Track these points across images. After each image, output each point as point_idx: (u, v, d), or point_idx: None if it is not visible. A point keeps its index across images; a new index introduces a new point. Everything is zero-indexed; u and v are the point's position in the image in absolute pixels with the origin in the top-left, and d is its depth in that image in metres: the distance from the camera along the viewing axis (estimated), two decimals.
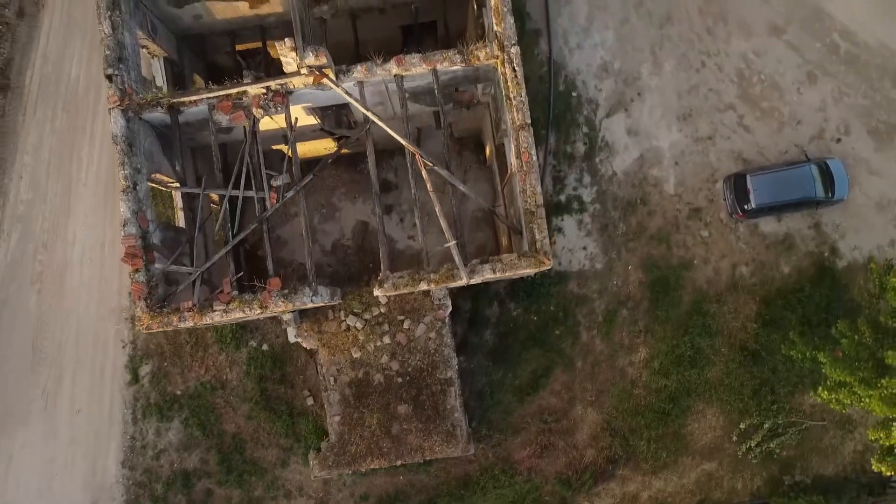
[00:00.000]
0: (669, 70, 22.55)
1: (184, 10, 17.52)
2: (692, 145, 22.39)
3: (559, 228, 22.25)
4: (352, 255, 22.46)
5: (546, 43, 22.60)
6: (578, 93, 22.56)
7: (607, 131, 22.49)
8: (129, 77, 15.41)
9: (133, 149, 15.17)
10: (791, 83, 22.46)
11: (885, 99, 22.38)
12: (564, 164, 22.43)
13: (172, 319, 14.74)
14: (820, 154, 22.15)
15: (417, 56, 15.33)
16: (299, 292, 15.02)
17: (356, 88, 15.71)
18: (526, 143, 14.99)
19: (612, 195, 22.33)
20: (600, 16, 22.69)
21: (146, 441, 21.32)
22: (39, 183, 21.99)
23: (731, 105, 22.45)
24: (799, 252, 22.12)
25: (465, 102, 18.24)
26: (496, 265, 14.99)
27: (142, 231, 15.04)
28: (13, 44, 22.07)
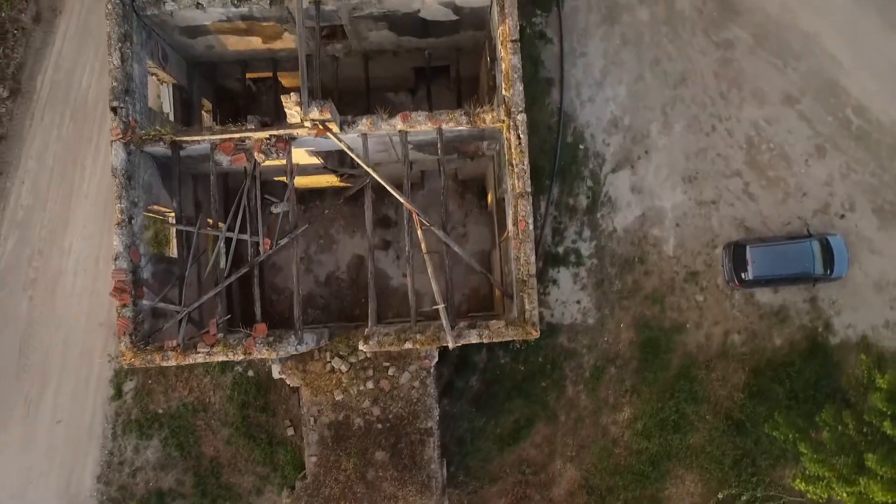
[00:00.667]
0: (679, 131, 22.45)
1: (196, 40, 17.50)
2: (695, 208, 22.30)
3: (554, 280, 22.18)
4: (345, 288, 22.43)
5: (558, 93, 22.52)
6: (586, 146, 22.48)
7: (611, 187, 22.41)
8: (134, 109, 15.40)
9: (132, 182, 15.16)
10: (800, 154, 22.34)
11: (892, 178, 22.25)
12: (566, 215, 22.36)
13: (155, 357, 14.72)
14: (823, 228, 22.04)
15: (423, 114, 15.28)
16: (284, 340, 14.99)
17: (360, 139, 15.65)
18: (524, 212, 14.93)
19: (611, 251, 22.24)
20: (615, 71, 22.61)
21: (124, 457, 21.31)
22: (41, 189, 22.00)
23: (737, 171, 22.35)
24: (792, 325, 22.01)
25: (470, 154, 18.19)
26: (483, 332, 14.94)
27: (133, 266, 15.03)
28: (27, 48, 22.08)
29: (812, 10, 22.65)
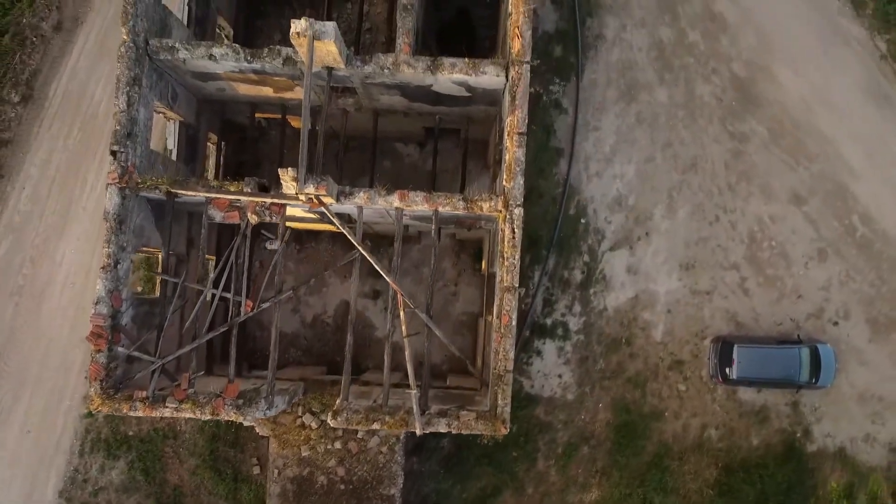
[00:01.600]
0: (683, 217, 22.31)
1: (208, 83, 17.46)
2: (689, 297, 22.15)
3: (539, 351, 22.08)
4: (330, 332, 22.36)
5: (566, 164, 22.41)
6: (587, 220, 22.35)
7: (608, 265, 22.28)
8: (135, 153, 15.36)
9: (122, 227, 15.12)
10: (801, 256, 22.17)
11: (890, 291, 22.05)
12: (558, 288, 22.24)
13: (123, 407, 14.68)
14: (814, 333, 21.88)
15: (421, 195, 15.19)
16: (253, 404, 14.92)
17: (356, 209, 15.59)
18: (509, 307, 14.81)
19: (599, 329, 22.12)
20: (626, 149, 22.47)
21: (88, 475, 21.31)
22: (40, 197, 22.02)
23: (736, 265, 22.19)
24: (771, 427, 21.84)
25: (467, 226, 18.07)
26: (452, 422, 14.84)
27: (113, 311, 14.99)
28: (44, 56, 22.08)
29: (832, 113, 22.48)
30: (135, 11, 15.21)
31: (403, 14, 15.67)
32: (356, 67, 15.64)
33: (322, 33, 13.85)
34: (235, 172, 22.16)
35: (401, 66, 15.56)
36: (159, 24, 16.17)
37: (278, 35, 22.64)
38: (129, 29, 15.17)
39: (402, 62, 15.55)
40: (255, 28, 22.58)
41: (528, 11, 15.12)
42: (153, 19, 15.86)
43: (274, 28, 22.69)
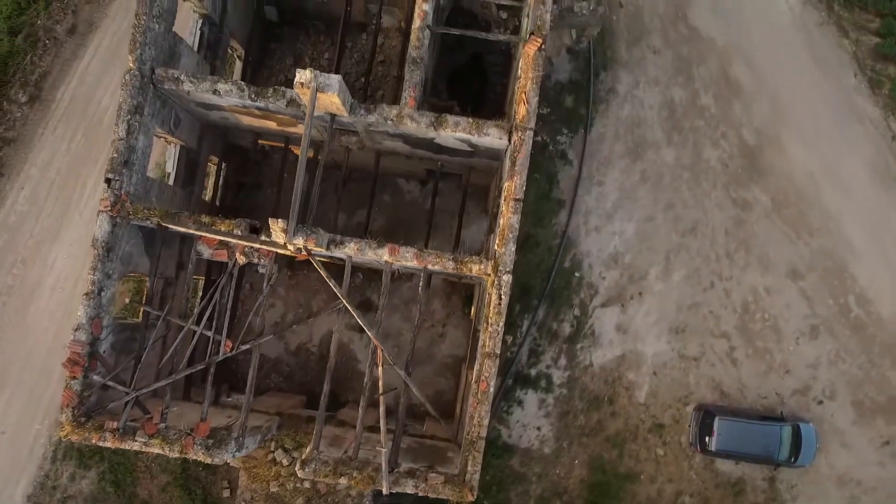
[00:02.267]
0: (677, 280, 22.15)
1: (212, 112, 17.40)
2: (676, 361, 22.00)
3: (520, 401, 21.95)
4: (313, 362, 22.28)
5: (566, 215, 22.27)
6: (582, 274, 22.21)
7: (597, 321, 22.14)
8: (130, 181, 15.30)
9: (110, 254, 15.06)
10: (792, 331, 22.00)
11: (879, 376, 21.86)
12: (546, 339, 22.11)
13: (93, 437, 14.63)
14: (798, 410, 21.71)
15: (411, 252, 15.09)
16: (223, 445, 14.85)
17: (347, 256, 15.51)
18: (488, 373, 14.71)
19: (583, 385, 21.99)
20: (627, 206, 22.33)
21: (58, 483, 21.29)
22: (38, 199, 22.00)
23: (726, 334, 22.03)
24: (746, 500, 21.68)
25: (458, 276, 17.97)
26: (420, 484, 14.74)
27: (92, 338, 14.94)
28: (55, 58, 22.07)
29: (839, 190, 22.31)
30: (143, 40, 15.16)
31: (412, 67, 15.57)
32: (360, 116, 15.54)
33: (326, 86, 13.76)
34: (235, 194, 22.19)
35: (404, 120, 15.46)
36: (167, 52, 16.12)
37: (290, 59, 22.59)
38: (136, 57, 15.12)
39: (405, 115, 15.45)
40: (269, 50, 22.52)
41: (536, 78, 15.01)
42: (161, 48, 15.80)
43: (287, 52, 22.63)
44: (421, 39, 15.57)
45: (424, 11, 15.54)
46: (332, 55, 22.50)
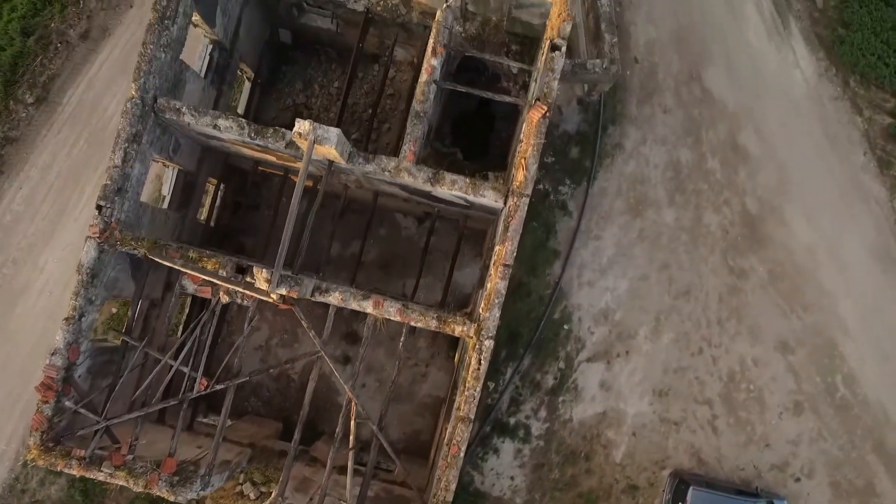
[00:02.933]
0: (666, 342, 22.02)
1: (212, 140, 17.33)
2: (656, 423, 21.86)
3: (496, 449, 21.84)
4: (294, 389, 22.20)
5: (561, 267, 22.14)
6: (570, 327, 22.09)
7: (582, 375, 22.02)
8: (122, 208, 15.23)
9: (94, 280, 15.00)
10: (776, 405, 21.85)
11: (860, 459, 21.69)
12: (528, 389, 22.00)
13: (59, 463, 14.58)
14: (774, 484, 21.55)
15: (395, 307, 15.00)
16: (188, 483, 14.78)
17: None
18: (460, 437, 14.60)
19: (560, 439, 21.86)
20: (623, 263, 22.20)
21: (27, 486, 21.27)
22: (35, 200, 21.98)
23: (709, 401, 21.89)
24: None
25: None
26: None
27: (68, 363, 14.88)
28: (66, 62, 22.03)
29: (837, 267, 22.14)
30: (148, 69, 15.10)
31: (414, 121, 15.46)
32: (357, 164, 15.45)
33: (324, 139, 13.68)
34: (231, 214, 22.10)
35: (402, 173, 15.36)
36: (172, 80, 16.05)
37: (300, 84, 22.52)
38: (139, 86, 15.06)
39: (403, 169, 15.35)
40: (280, 73, 22.46)
41: (538, 146, 14.89)
42: (166, 76, 15.73)
43: (298, 76, 22.55)
44: (426, 94, 15.46)
45: (432, 66, 15.43)
46: (341, 84, 22.42)
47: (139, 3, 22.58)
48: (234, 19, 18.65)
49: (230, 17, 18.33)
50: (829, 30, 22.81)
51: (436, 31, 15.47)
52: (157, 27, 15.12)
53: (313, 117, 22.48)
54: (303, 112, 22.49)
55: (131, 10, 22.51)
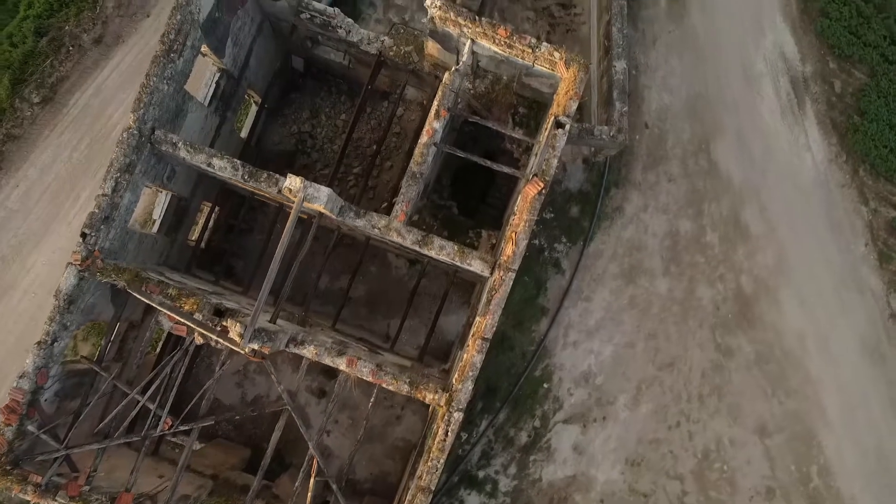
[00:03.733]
0: (644, 412, 21.82)
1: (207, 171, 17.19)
2: (626, 493, 21.67)
3: (462, 501, 21.67)
4: (266, 417, 22.04)
5: (547, 325, 21.96)
6: (550, 386, 21.90)
7: (556, 436, 21.83)
8: (107, 236, 15.12)
9: (71, 307, 14.90)
10: (748, 488, 21.64)
11: None
12: (500, 443, 21.82)
13: (14, 488, 14.49)
14: None
15: (368, 368, 14.86)
16: None
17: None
18: None
19: (528, 498, 21.68)
20: (610, 328, 22.01)
21: None
22: (30, 200, 21.90)
23: (681, 476, 21.69)
24: None
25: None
26: None
27: (35, 387, 14.78)
28: (76, 65, 21.95)
29: (825, 356, 21.92)
30: (149, 101, 14.99)
31: (409, 182, 15.32)
32: (348, 218, 15.32)
33: (314, 198, 13.56)
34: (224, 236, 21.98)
35: (391, 232, 15.22)
36: (173, 111, 15.95)
37: (307, 112, 22.40)
38: (138, 117, 14.95)
39: (393, 228, 15.21)
40: (288, 99, 22.34)
41: (531, 221, 14.74)
42: (167, 108, 15.63)
43: (306, 104, 22.44)
44: (425, 156, 15.32)
45: (433, 129, 15.28)
46: (348, 117, 22.30)
47: (156, 13, 22.50)
48: (245, 49, 18.54)
49: (241, 46, 18.23)
50: (845, 116, 22.58)
51: (441, 93, 15.32)
52: (163, 60, 15.03)
53: (317, 147, 22.38)
54: (307, 140, 22.38)
55: (147, 19, 22.43)
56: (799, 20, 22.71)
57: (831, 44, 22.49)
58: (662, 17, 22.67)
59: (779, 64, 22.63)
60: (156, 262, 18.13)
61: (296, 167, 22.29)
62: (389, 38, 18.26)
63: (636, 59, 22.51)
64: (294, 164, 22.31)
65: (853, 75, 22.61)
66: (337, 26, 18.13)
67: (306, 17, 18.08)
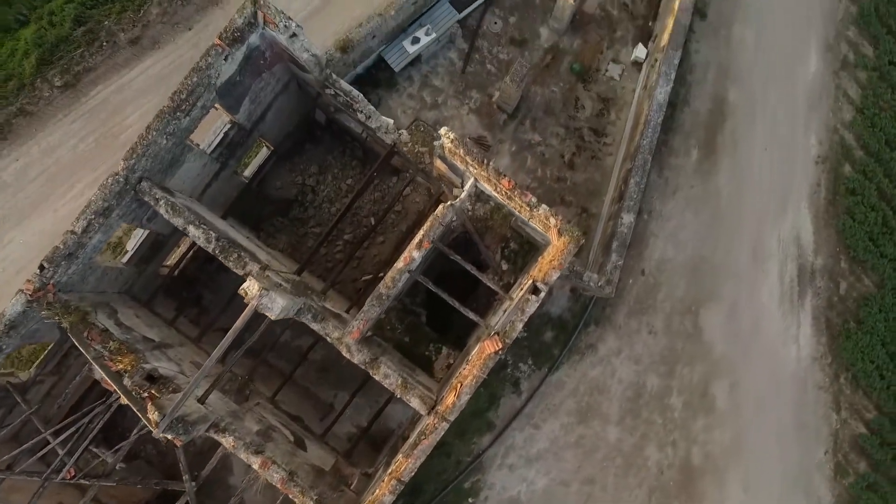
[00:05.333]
0: None
1: None
2: None
3: None
4: (192, 452, 21.90)
5: (489, 441, 21.68)
6: (475, 502, 21.63)
7: None
8: (66, 271, 15.01)
9: (12, 332, 14.82)
10: None
11: None
12: None
13: None
14: None
15: (278, 477, 14.67)
16: None
17: None
18: None
19: None
20: (550, 461, 21.78)
21: None
22: (26, 177, 21.88)
23: None
24: None
25: None
26: None
27: None
28: (106, 60, 21.90)
29: None
30: (143, 152, 14.84)
31: (373, 302, 15.06)
32: (305, 319, 15.12)
33: (267, 308, 13.36)
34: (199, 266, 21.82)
35: (342, 346, 15.01)
36: (168, 162, 15.80)
37: (316, 167, 22.21)
38: (128, 166, 14.81)
39: (345, 344, 14.99)
40: (301, 149, 22.15)
41: (479, 378, 14.48)
42: (162, 160, 15.48)
43: (317, 158, 22.24)
44: (396, 281, 15.05)
45: (412, 257, 15.03)
46: (355, 184, 22.09)
47: (198, 28, 22.41)
48: (264, 105, 18.36)
49: (259, 103, 18.04)
50: (842, 319, 22.10)
51: (430, 224, 15.06)
52: (167, 116, 14.87)
53: (316, 203, 22.19)
54: (308, 193, 22.19)
55: (188, 32, 22.33)
56: (823, 211, 22.24)
57: (849, 244, 22.01)
58: (690, 171, 22.30)
59: (791, 248, 22.18)
60: (117, 290, 18.04)
61: (290, 216, 22.12)
62: (407, 134, 18.02)
63: (652, 204, 22.17)
64: (289, 213, 22.14)
65: (862, 281, 22.12)
66: (358, 110, 17.91)
67: (331, 93, 17.88)
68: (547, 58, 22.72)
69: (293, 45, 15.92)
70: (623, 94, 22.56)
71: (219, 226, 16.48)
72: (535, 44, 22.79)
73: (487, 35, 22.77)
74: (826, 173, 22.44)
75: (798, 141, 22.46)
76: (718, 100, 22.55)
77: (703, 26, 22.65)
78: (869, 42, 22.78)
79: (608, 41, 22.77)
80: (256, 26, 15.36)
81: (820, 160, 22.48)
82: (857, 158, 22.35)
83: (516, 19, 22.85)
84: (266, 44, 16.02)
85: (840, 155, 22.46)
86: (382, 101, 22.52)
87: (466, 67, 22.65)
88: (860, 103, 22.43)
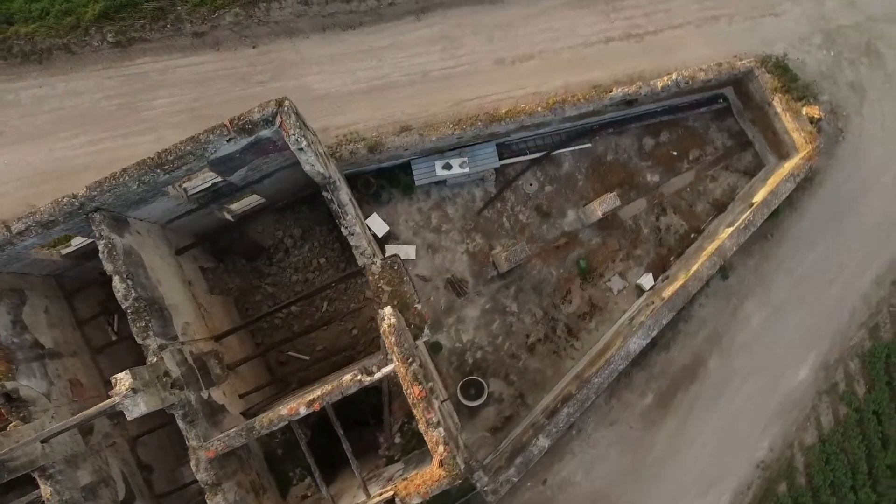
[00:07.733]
0: None
1: None
2: None
3: None
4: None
5: None
6: None
7: None
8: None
9: None
10: None
11: None
12: None
13: None
14: None
15: None
16: None
17: None
18: None
19: None
20: None
21: None
22: (39, 107, 21.64)
23: None
24: None
25: None
26: None
27: None
28: (164, 39, 21.78)
29: None
30: (107, 188, 14.67)
31: (241, 433, 14.75)
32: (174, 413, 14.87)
33: (125, 408, 13.13)
34: None
35: (195, 456, 14.75)
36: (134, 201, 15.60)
37: (299, 231, 21.96)
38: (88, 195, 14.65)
39: (197, 456, 14.73)
40: (296, 207, 21.91)
41: None
42: (127, 199, 15.30)
43: (305, 225, 22.01)
44: (273, 424, 14.73)
45: (297, 411, 14.70)
46: (328, 264, 21.83)
47: (263, 48, 22.21)
48: (263, 173, 18.08)
49: (258, 171, 17.74)
50: None
51: (330, 388, 14.71)
52: (147, 169, 14.68)
53: (282, 264, 22.00)
54: (280, 252, 22.00)
55: (251, 49, 22.14)
56: None
57: None
58: (636, 412, 21.71)
59: None
60: (46, 273, 17.94)
61: (254, 263, 21.91)
62: (378, 266, 17.69)
63: (585, 423, 21.60)
64: (256, 259, 21.94)
65: None
66: (343, 224, 17.62)
67: (327, 197, 17.60)
68: (561, 240, 22.22)
69: (300, 156, 15.67)
70: (613, 310, 22.02)
71: (153, 277, 16.26)
72: (557, 221, 22.31)
73: (518, 191, 22.32)
74: (761, 481, 21.70)
75: (751, 438, 21.76)
76: (697, 361, 21.92)
77: (719, 286, 22.01)
78: (865, 382, 22.00)
79: (624, 254, 22.21)
80: (272, 125, 15.12)
81: (762, 466, 21.74)
82: (797, 485, 21.59)
83: (552, 190, 22.37)
84: (279, 137, 15.76)
85: (783, 472, 21.71)
86: (392, 201, 22.21)
87: (484, 210, 22.23)
88: (826, 435, 21.67)
